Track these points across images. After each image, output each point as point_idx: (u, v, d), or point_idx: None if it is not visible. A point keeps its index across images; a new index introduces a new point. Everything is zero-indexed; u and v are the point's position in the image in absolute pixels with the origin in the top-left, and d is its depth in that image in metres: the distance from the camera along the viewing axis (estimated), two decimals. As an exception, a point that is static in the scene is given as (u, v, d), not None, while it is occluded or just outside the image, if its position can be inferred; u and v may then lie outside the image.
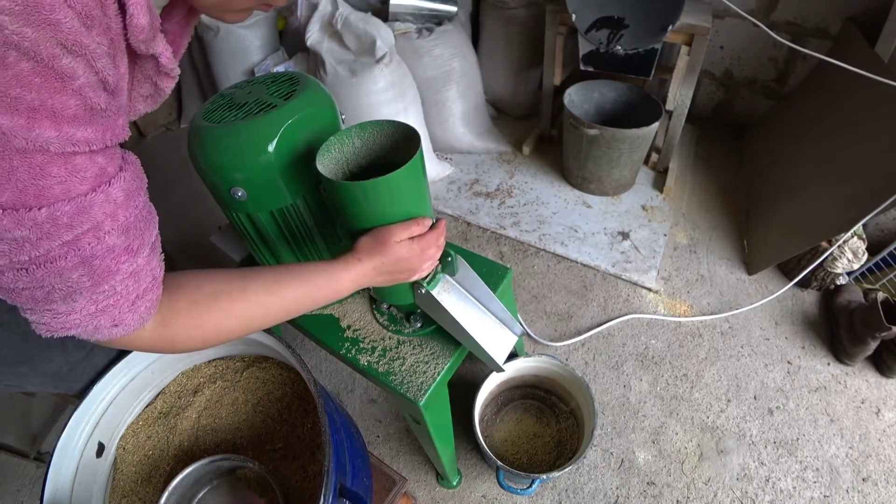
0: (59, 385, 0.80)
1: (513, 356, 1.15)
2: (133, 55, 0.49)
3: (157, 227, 0.51)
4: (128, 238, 0.45)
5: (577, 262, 1.65)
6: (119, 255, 0.44)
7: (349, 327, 0.92)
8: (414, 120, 1.79)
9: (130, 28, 0.42)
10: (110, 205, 0.42)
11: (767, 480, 1.14)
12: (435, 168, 1.95)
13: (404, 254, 0.66)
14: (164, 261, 0.52)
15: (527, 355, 1.17)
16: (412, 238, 0.67)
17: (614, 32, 1.55)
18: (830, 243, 1.34)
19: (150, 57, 0.49)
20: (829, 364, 1.34)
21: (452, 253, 0.77)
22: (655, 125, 1.64)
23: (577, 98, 1.83)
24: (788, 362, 1.35)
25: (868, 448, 1.18)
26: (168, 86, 0.56)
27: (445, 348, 0.86)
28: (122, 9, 0.41)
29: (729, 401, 1.28)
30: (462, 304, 0.81)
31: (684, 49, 1.55)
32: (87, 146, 0.39)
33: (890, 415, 1.23)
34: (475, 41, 2.14)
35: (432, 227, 0.70)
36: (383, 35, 1.64)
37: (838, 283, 1.48)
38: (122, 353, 0.81)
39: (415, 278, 0.71)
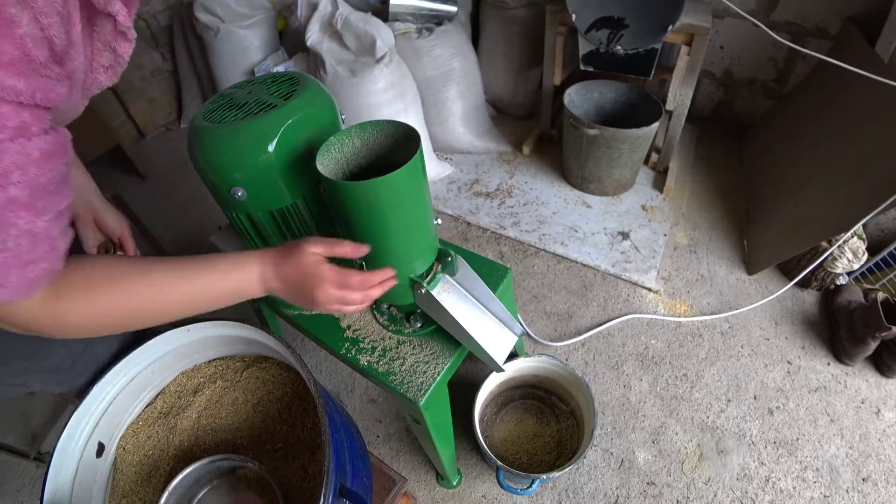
0: (62, 380, 0.80)
1: (513, 356, 1.15)
2: (90, 21, 0.49)
3: (70, 203, 0.49)
4: (33, 196, 0.44)
5: (577, 262, 1.65)
6: (19, 208, 0.43)
7: (349, 327, 0.91)
8: (414, 120, 1.79)
9: None
10: (23, 157, 0.42)
11: (767, 480, 1.14)
12: (435, 168, 1.95)
13: (311, 271, 0.60)
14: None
15: (527, 355, 1.17)
16: (336, 268, 0.61)
17: (614, 32, 1.55)
18: (830, 243, 1.34)
19: (108, 17, 0.49)
20: (829, 364, 1.34)
21: (452, 253, 0.77)
22: (655, 125, 1.64)
23: (577, 98, 1.83)
24: (788, 362, 1.35)
25: (868, 448, 1.18)
26: (125, 50, 0.55)
27: (445, 348, 0.86)
28: None
29: (729, 401, 1.28)
30: (462, 304, 0.81)
31: (684, 49, 1.55)
32: (16, 96, 0.39)
33: (890, 415, 1.23)
34: (475, 41, 2.14)
35: (369, 267, 0.62)
36: (383, 35, 1.64)
37: (838, 283, 1.48)
38: (123, 350, 0.81)
39: (317, 310, 0.63)
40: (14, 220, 0.43)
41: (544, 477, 1.01)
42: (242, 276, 0.61)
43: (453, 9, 1.92)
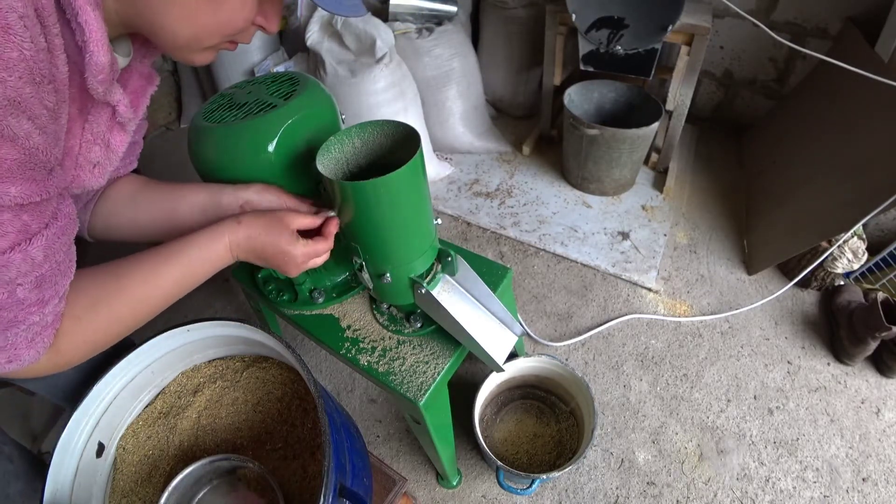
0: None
1: (513, 356, 1.15)
2: (81, 112, 0.47)
3: (72, 275, 0.50)
4: (41, 291, 0.45)
5: (577, 262, 1.65)
6: (29, 307, 0.44)
7: (349, 327, 0.91)
8: (414, 120, 1.79)
9: (90, 67, 0.41)
10: (27, 264, 0.42)
11: (767, 480, 1.14)
12: (435, 168, 1.95)
13: (285, 248, 0.64)
14: None
15: (527, 355, 1.17)
16: (305, 241, 0.66)
17: (614, 32, 1.55)
18: (830, 243, 1.34)
19: (105, 107, 0.47)
20: (829, 364, 1.34)
21: (452, 253, 0.77)
22: (655, 125, 1.64)
23: (577, 98, 1.83)
24: (788, 362, 1.35)
25: (868, 448, 1.18)
26: (120, 142, 0.53)
27: (445, 348, 0.86)
28: (79, 51, 0.40)
29: (729, 401, 1.28)
30: (462, 304, 0.81)
31: (684, 49, 1.55)
32: (12, 201, 0.38)
33: (890, 415, 1.23)
34: (475, 41, 2.14)
35: (322, 232, 0.69)
36: (383, 35, 1.64)
37: (838, 283, 1.48)
38: (120, 352, 0.81)
39: (290, 273, 0.69)
40: (24, 317, 0.45)
41: (544, 477, 1.01)
42: (212, 256, 0.63)
43: (453, 9, 1.92)
